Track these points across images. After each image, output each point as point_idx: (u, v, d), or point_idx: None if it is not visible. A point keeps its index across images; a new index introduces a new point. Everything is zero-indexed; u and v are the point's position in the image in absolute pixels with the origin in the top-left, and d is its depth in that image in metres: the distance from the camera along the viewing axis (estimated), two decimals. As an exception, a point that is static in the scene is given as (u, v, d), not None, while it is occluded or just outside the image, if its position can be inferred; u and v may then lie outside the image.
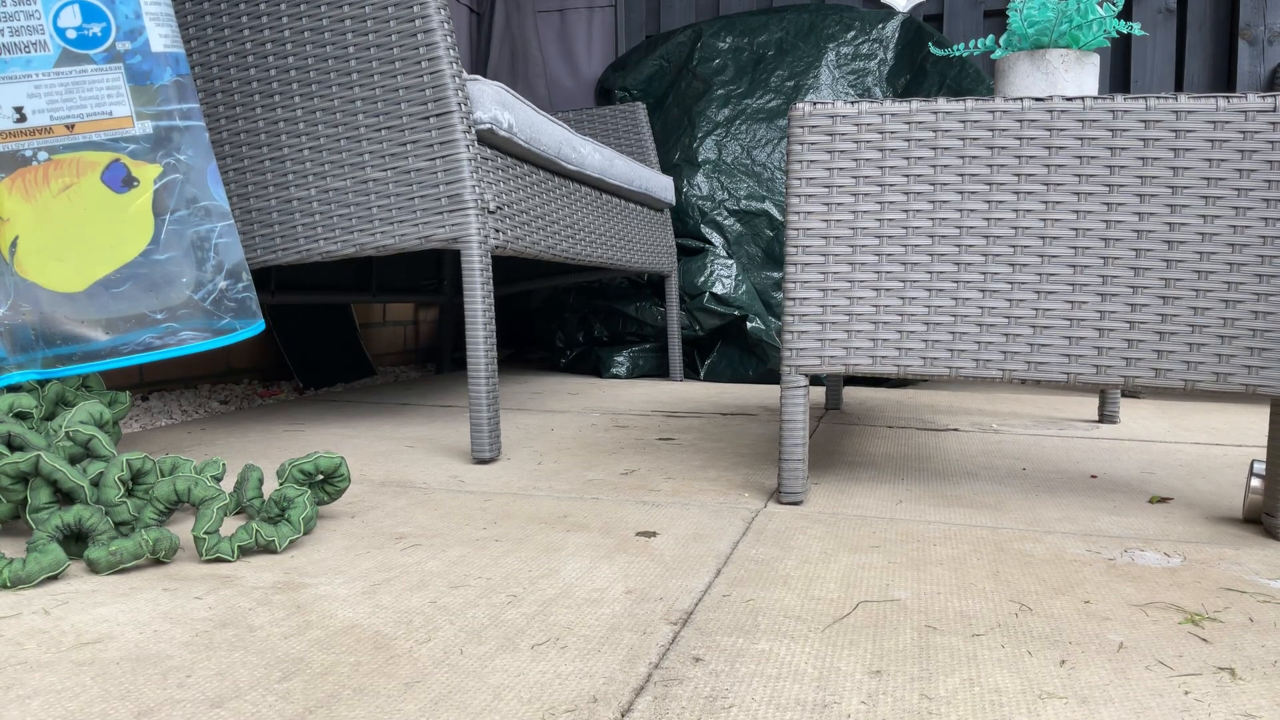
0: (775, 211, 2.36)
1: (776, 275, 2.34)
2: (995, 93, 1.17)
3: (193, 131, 1.05)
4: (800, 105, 1.00)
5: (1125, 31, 1.15)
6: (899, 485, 1.13)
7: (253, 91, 1.34)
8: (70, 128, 1.01)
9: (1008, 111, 0.95)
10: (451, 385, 2.20)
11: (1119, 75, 2.57)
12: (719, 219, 2.37)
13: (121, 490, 0.88)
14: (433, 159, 1.25)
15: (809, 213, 1.00)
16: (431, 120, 1.25)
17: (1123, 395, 2.03)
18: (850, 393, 2.10)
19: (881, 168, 0.98)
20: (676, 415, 1.71)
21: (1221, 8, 2.47)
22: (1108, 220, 0.93)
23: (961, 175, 0.96)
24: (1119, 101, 0.92)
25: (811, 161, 1.00)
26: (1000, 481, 1.16)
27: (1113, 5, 1.25)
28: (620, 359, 2.41)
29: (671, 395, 2.02)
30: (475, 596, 0.74)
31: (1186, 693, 0.57)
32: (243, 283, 1.08)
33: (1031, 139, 0.95)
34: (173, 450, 1.33)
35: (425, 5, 1.23)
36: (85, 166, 1.02)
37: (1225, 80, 2.47)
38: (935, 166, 0.97)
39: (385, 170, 1.28)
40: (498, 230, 1.30)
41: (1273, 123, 0.89)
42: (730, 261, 2.32)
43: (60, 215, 1.02)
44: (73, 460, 0.94)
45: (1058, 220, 0.94)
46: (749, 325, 2.23)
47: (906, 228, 0.98)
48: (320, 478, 0.96)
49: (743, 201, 2.37)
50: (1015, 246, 0.95)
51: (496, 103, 1.30)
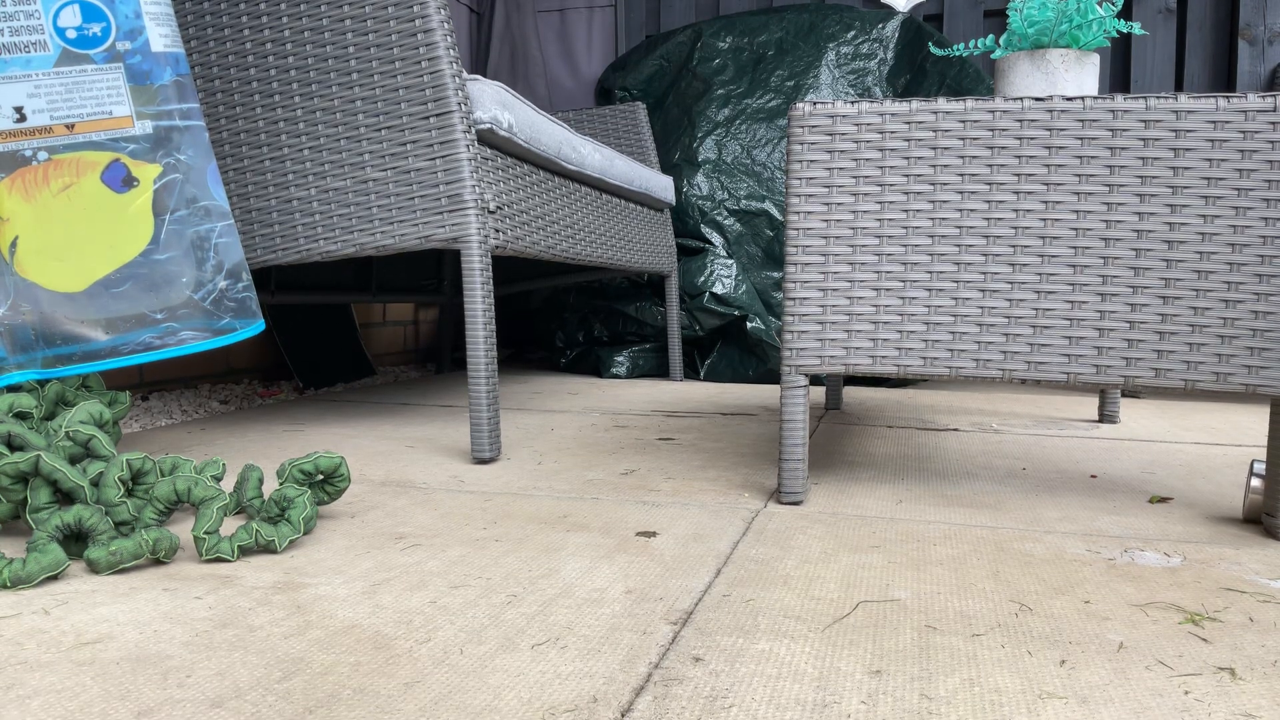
0: (775, 211, 2.36)
1: (776, 275, 2.34)
2: (995, 93, 1.17)
3: (193, 131, 1.05)
4: (800, 105, 1.00)
5: (1125, 31, 1.15)
6: (899, 485, 1.13)
7: (253, 91, 1.34)
8: (70, 127, 1.01)
9: (1008, 111, 0.95)
10: (451, 385, 2.20)
11: (1119, 75, 2.57)
12: (719, 219, 2.37)
13: (121, 490, 0.88)
14: (433, 159, 1.25)
15: (809, 212, 1.00)
16: (431, 120, 1.25)
17: (1123, 395, 2.03)
18: (850, 393, 2.10)
19: (881, 167, 0.98)
20: (676, 415, 1.71)
21: (1221, 8, 2.47)
22: (1108, 220, 0.93)
23: (961, 175, 0.96)
24: (1119, 101, 0.92)
25: (811, 161, 1.00)
26: (1000, 481, 1.16)
27: (1113, 5, 1.25)
28: (620, 359, 2.41)
29: (671, 395, 2.02)
30: (475, 596, 0.74)
31: (1186, 693, 0.57)
32: (243, 283, 1.08)
33: (1031, 139, 0.94)
34: (173, 450, 1.33)
35: (425, 5, 1.23)
36: (85, 166, 1.02)
37: (1225, 80, 2.47)
38: (935, 166, 0.97)
39: (385, 170, 1.28)
40: (498, 230, 1.30)
41: (1273, 123, 0.89)
42: (730, 261, 2.32)
43: (60, 215, 1.02)
44: (73, 460, 0.94)
45: (1058, 220, 0.94)
46: (749, 325, 2.23)
47: (906, 227, 0.98)
48: (320, 478, 0.96)
49: (743, 201, 2.37)
50: (1015, 246, 0.95)
51: (496, 102, 1.30)
